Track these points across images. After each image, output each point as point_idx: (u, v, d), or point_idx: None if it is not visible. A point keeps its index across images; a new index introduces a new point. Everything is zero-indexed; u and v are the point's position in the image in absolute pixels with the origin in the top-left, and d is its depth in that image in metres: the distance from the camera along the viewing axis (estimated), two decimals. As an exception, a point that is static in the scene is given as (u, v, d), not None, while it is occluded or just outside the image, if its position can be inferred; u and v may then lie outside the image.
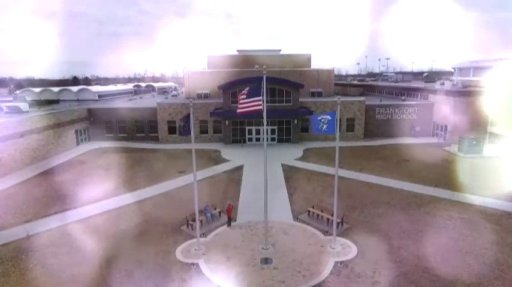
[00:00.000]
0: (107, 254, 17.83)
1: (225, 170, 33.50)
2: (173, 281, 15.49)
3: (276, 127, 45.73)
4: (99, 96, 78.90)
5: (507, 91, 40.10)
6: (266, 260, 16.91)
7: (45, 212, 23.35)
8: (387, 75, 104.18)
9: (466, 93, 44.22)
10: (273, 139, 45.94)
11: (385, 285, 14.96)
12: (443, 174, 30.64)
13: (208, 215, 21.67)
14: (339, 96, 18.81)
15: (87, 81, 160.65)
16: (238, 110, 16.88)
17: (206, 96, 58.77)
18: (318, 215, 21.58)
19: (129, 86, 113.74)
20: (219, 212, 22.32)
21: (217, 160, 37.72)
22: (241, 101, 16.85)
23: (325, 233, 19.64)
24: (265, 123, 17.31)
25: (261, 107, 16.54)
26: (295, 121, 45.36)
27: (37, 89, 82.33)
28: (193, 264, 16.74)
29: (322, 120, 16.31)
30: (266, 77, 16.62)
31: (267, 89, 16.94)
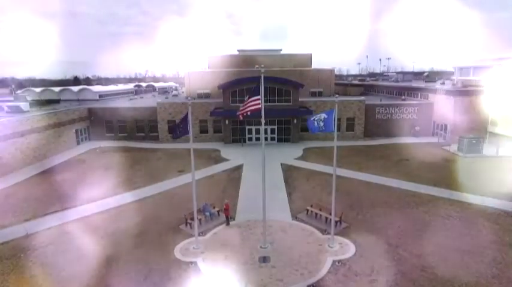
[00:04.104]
0: (105, 253, 17.90)
1: (225, 169, 33.55)
2: (171, 279, 15.54)
3: (275, 127, 45.76)
4: (100, 96, 79.12)
5: (507, 90, 40.06)
6: (264, 259, 16.95)
7: (45, 211, 23.43)
8: (388, 75, 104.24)
9: (466, 93, 44.19)
10: (272, 139, 45.96)
11: (383, 284, 14.97)
12: (442, 173, 30.62)
13: (207, 214, 21.72)
14: (337, 95, 18.81)
15: (88, 81, 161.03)
16: (239, 113, 16.89)
17: (207, 96, 58.85)
18: (316, 214, 21.62)
19: (130, 86, 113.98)
20: (218, 211, 22.38)
21: (217, 159, 37.78)
22: (245, 103, 16.89)
23: (324, 232, 19.67)
24: (263, 122, 17.35)
25: (259, 105, 16.58)
26: (295, 121, 45.38)
27: (38, 89, 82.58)
28: (191, 262, 16.78)
29: (318, 119, 16.34)
30: (266, 77, 16.64)
31: (267, 88, 17.02)
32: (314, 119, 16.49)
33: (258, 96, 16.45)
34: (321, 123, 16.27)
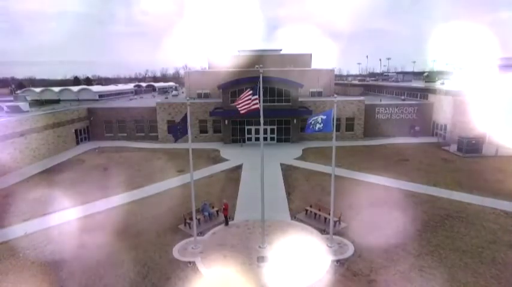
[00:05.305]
0: (104, 252, 17.89)
1: (224, 169, 33.54)
2: (169, 279, 15.52)
3: (275, 127, 45.75)
4: (100, 96, 79.31)
5: (506, 90, 40.05)
6: (263, 259, 16.93)
7: (44, 211, 23.42)
8: (388, 75, 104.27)
9: (465, 93, 44.11)
10: (272, 139, 45.95)
11: (382, 284, 14.95)
12: (442, 173, 30.61)
13: (206, 214, 21.70)
14: (335, 95, 18.79)
15: (88, 81, 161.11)
16: (242, 111, 16.87)
17: (206, 95, 58.84)
18: (315, 214, 21.60)
19: (130, 86, 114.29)
20: (217, 211, 22.36)
21: (217, 159, 37.77)
22: (241, 101, 16.89)
23: (323, 231, 19.66)
24: (261, 121, 17.36)
25: (258, 105, 16.58)
26: (295, 121, 45.37)
27: (38, 89, 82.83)
28: (189, 262, 16.77)
29: (314, 121, 16.29)
30: (266, 77, 16.62)
31: (267, 88, 17.01)
32: (311, 122, 16.45)
33: (256, 96, 16.45)
34: (318, 125, 16.20)
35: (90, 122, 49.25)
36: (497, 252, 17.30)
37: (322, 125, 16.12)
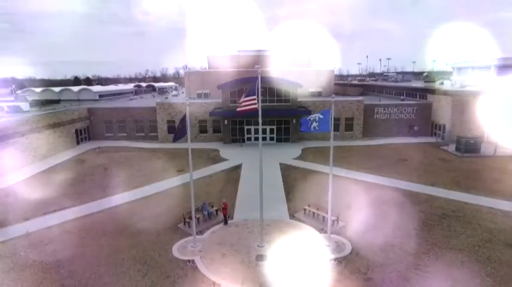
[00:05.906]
0: (104, 251, 18.09)
1: (223, 169, 33.72)
2: (169, 277, 15.71)
3: (274, 127, 45.91)
4: (100, 96, 79.49)
5: (505, 91, 40.20)
6: (261, 257, 17.11)
7: (45, 210, 23.61)
8: (387, 75, 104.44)
9: (464, 93, 44.31)
10: (271, 139, 46.11)
11: (379, 282, 15.13)
12: (440, 173, 30.79)
13: (206, 213, 21.90)
14: (333, 95, 18.99)
15: (88, 81, 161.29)
16: (238, 109, 17.09)
17: (206, 95, 59.04)
18: (313, 213, 21.79)
19: (130, 86, 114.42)
20: (216, 210, 22.54)
21: (216, 159, 37.95)
22: (241, 101, 17.11)
23: (321, 230, 19.84)
24: (260, 121, 17.55)
25: (256, 105, 16.74)
26: (294, 121, 45.52)
27: (38, 89, 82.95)
28: (189, 261, 16.95)
29: (312, 119, 16.45)
30: (265, 77, 16.81)
31: (266, 88, 17.17)
32: (309, 119, 16.63)
33: (254, 96, 16.60)
34: (315, 124, 16.37)
35: (90, 122, 49.45)
36: (493, 250, 17.48)
37: (318, 124, 16.27)
